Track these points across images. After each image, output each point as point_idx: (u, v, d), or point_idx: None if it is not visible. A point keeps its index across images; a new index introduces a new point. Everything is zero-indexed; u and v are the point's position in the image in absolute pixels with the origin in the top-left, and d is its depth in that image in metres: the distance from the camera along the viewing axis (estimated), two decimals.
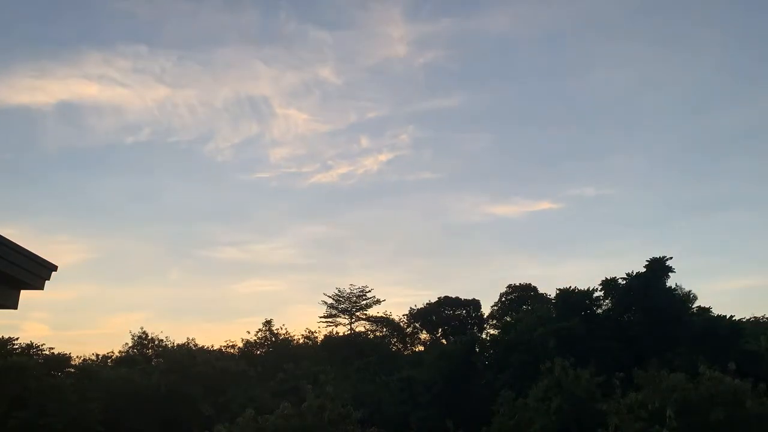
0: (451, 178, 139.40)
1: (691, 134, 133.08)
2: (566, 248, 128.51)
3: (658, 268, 51.29)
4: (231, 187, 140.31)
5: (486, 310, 79.26)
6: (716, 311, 51.03)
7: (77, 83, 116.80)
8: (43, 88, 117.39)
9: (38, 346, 48.01)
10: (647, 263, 51.76)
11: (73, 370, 49.26)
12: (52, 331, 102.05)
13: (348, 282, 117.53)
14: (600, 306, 54.03)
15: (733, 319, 50.19)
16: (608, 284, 53.01)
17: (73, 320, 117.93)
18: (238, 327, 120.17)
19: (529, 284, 76.95)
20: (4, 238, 5.56)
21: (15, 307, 6.24)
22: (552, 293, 61.21)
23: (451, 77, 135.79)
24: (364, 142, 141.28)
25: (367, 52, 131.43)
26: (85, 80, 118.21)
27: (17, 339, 47.61)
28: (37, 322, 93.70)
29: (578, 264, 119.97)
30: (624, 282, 52.35)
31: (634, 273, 51.91)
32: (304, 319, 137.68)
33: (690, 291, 58.09)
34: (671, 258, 51.56)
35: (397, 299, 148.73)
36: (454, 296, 79.71)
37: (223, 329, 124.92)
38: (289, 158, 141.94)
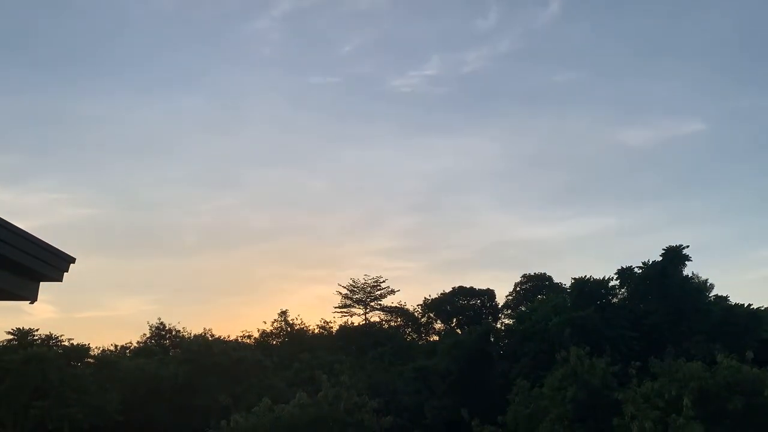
0: (587, 82, 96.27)
1: None
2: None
3: (675, 256, 50.95)
4: (275, 98, 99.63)
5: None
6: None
7: None
8: None
9: (57, 337, 48.67)
10: (663, 252, 51.44)
11: (92, 360, 49.93)
12: (60, 314, 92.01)
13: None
14: (615, 295, 53.80)
15: (751, 307, 49.94)
16: (624, 273, 52.81)
17: (79, 302, 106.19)
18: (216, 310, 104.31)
19: (544, 273, 76.70)
20: (24, 231, 5.65)
21: (35, 298, 6.33)
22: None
23: None
24: (492, 15, 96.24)
25: None
26: None
27: (37, 330, 48.34)
28: (45, 304, 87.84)
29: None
30: (640, 271, 52.10)
31: (650, 262, 51.67)
32: (290, 298, 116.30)
33: (707, 279, 57.54)
34: (687, 246, 51.36)
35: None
36: (468, 286, 79.63)
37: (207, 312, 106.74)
38: (367, 49, 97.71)
